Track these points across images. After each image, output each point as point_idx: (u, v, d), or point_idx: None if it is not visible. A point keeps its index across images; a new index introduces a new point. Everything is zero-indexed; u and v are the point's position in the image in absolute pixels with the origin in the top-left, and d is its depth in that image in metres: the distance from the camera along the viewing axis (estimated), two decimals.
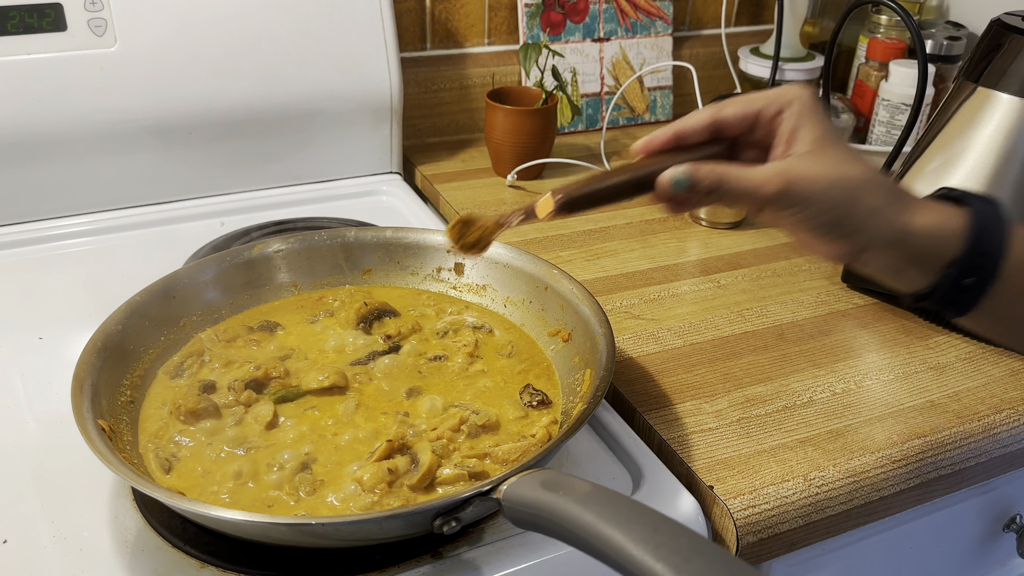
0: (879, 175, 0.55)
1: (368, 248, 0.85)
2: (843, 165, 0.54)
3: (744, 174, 0.54)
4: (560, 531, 0.48)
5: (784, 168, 0.54)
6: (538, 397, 0.71)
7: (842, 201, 0.53)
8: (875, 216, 0.53)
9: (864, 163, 0.55)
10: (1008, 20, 0.85)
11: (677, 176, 0.54)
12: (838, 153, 0.54)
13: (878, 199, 0.53)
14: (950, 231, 0.54)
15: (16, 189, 0.98)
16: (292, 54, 1.05)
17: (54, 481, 0.66)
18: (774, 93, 0.56)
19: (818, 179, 0.53)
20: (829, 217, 0.53)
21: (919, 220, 0.54)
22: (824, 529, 0.70)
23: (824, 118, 0.55)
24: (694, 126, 0.57)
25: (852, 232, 0.54)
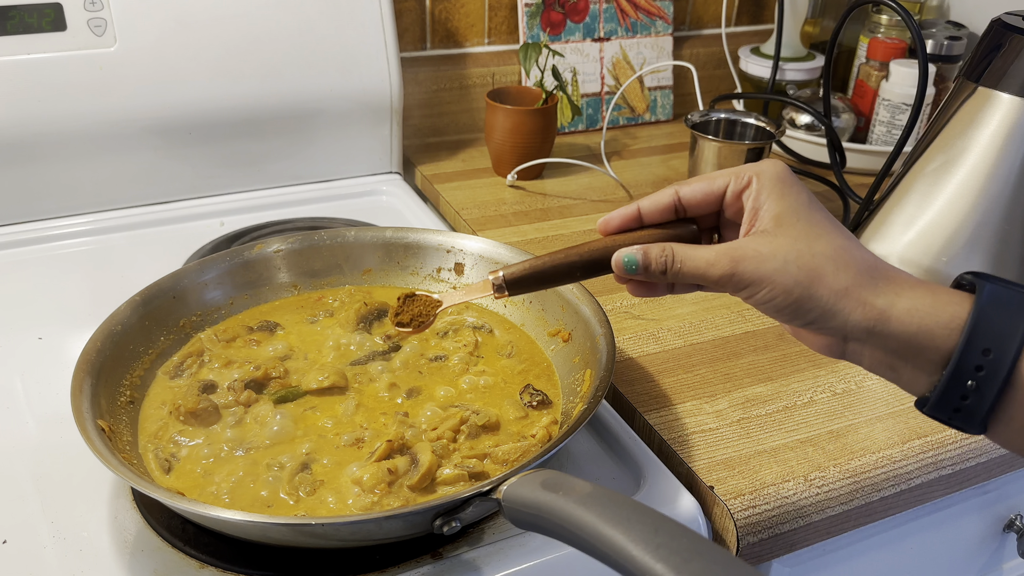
0: (851, 251, 0.49)
1: (368, 248, 0.85)
2: (803, 242, 0.49)
3: (694, 255, 0.52)
4: (560, 531, 0.48)
5: (732, 247, 0.50)
6: (538, 397, 0.71)
7: (799, 280, 0.48)
8: (844, 298, 0.47)
9: (833, 238, 0.49)
10: (1008, 20, 0.85)
11: (627, 257, 0.53)
12: (800, 228, 0.49)
13: (846, 278, 0.47)
14: (945, 318, 0.46)
15: (16, 189, 0.98)
16: (292, 54, 1.05)
17: (54, 481, 0.66)
18: (736, 171, 0.53)
19: (770, 257, 0.49)
20: (788, 299, 0.49)
21: (902, 303, 0.47)
22: (824, 529, 0.70)
23: (792, 191, 0.51)
24: (655, 206, 0.54)
25: (819, 317, 0.48)
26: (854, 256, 0.48)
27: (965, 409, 0.45)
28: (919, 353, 0.47)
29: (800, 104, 1.12)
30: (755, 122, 1.09)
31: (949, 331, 0.45)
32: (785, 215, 0.50)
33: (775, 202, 0.50)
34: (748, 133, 1.10)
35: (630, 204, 0.55)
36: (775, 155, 1.26)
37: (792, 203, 0.50)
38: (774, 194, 0.51)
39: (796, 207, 0.50)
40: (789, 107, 1.28)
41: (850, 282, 0.48)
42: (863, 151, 1.20)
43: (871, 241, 0.92)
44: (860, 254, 0.49)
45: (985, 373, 0.44)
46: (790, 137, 1.25)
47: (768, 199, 0.51)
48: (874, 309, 0.47)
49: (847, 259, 0.48)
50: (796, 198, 0.50)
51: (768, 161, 0.53)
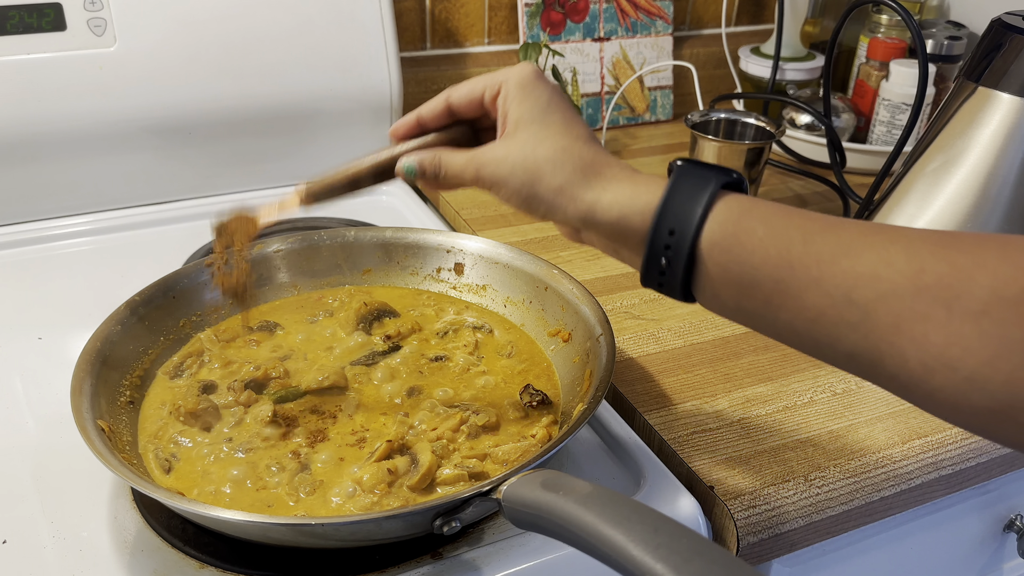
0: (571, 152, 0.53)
1: (368, 248, 0.85)
2: (529, 146, 0.54)
3: (452, 160, 0.57)
4: (560, 531, 0.48)
5: (477, 154, 0.56)
6: (538, 397, 0.71)
7: (525, 182, 0.54)
8: (560, 195, 0.53)
9: (556, 140, 0.54)
10: (1008, 20, 0.85)
11: (406, 164, 0.59)
12: (531, 132, 0.54)
13: (561, 177, 0.53)
14: (640, 206, 0.51)
15: (16, 189, 0.98)
16: (292, 54, 1.05)
17: (54, 481, 0.66)
18: (492, 75, 0.57)
19: (503, 161, 0.54)
20: (519, 198, 0.55)
21: (607, 196, 0.52)
22: (824, 529, 0.70)
23: (532, 96, 0.55)
24: (432, 112, 0.60)
25: (546, 212, 0.54)
26: (571, 156, 0.53)
27: (666, 283, 0.51)
28: (625, 237, 0.52)
29: (800, 104, 1.12)
30: (755, 122, 1.09)
31: (643, 216, 0.51)
32: (522, 119, 0.55)
33: (516, 107, 0.55)
34: (748, 133, 1.10)
35: (411, 113, 0.60)
36: (775, 155, 1.26)
37: (530, 107, 0.55)
38: (516, 99, 0.55)
39: (533, 111, 0.55)
40: (789, 107, 1.28)
41: (564, 180, 0.53)
42: (863, 151, 1.20)
43: None
44: (580, 153, 0.54)
45: (672, 251, 0.49)
46: (790, 137, 1.25)
47: (512, 104, 0.56)
48: (584, 203, 0.53)
49: (564, 159, 0.53)
50: (535, 103, 0.55)
51: (519, 66, 0.57)
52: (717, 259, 0.48)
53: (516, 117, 0.55)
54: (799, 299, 0.46)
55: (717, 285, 0.49)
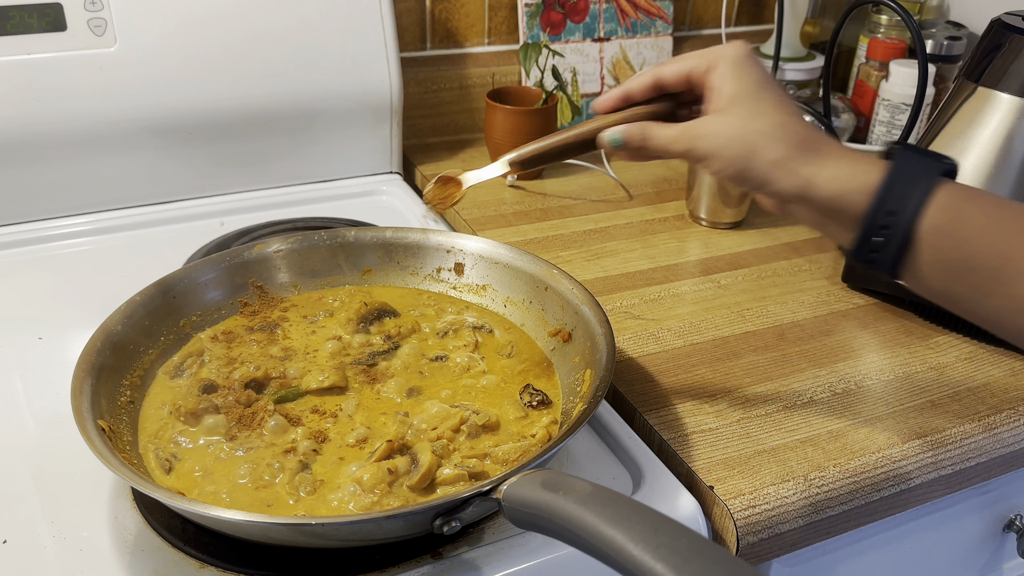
0: (787, 127, 0.55)
1: (368, 248, 0.85)
2: (746, 120, 0.56)
3: (661, 132, 0.60)
4: (560, 531, 0.48)
5: (690, 126, 0.58)
6: (538, 397, 0.71)
7: (741, 155, 0.56)
8: (776, 168, 0.55)
9: (773, 116, 0.56)
10: (1008, 20, 0.85)
11: (611, 135, 0.62)
12: (747, 108, 0.56)
13: (778, 151, 0.55)
14: (859, 185, 0.53)
15: (16, 189, 0.98)
16: (292, 54, 1.05)
17: (54, 481, 0.66)
18: (705, 52, 0.59)
19: (718, 134, 0.56)
20: (732, 169, 0.56)
21: (825, 172, 0.54)
22: (824, 529, 0.70)
23: (748, 73, 0.57)
24: (640, 86, 0.62)
25: (759, 184, 0.56)
26: (788, 131, 0.55)
27: (876, 260, 0.53)
28: (839, 214, 0.54)
29: (800, 104, 1.12)
30: None
31: (862, 195, 0.53)
32: (737, 95, 0.57)
33: (730, 83, 0.57)
34: None
35: (619, 87, 0.63)
36: None
37: (745, 84, 0.57)
38: (731, 75, 0.57)
39: (748, 88, 0.57)
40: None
41: (782, 155, 0.55)
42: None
43: None
44: (795, 129, 0.55)
45: (890, 231, 0.52)
46: None
47: (726, 80, 0.57)
48: (801, 177, 0.54)
49: (781, 134, 0.55)
50: (749, 79, 0.57)
51: (732, 45, 0.59)
52: (933, 243, 0.51)
53: (731, 92, 0.57)
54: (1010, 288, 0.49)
55: (928, 268, 0.52)
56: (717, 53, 0.58)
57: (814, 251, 1.04)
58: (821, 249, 1.04)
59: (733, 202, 1.06)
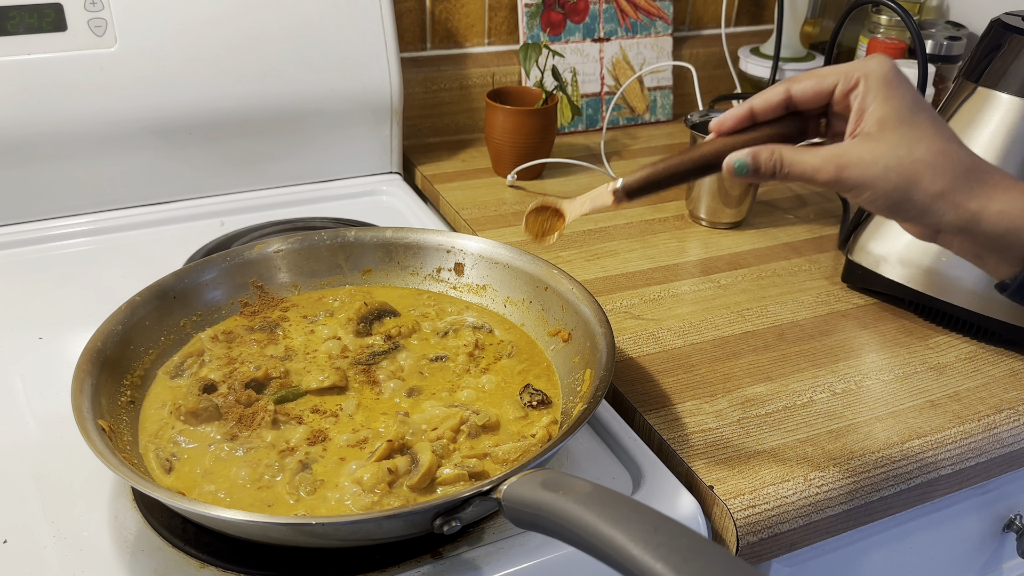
0: (950, 155, 0.51)
1: (368, 248, 0.85)
2: (903, 148, 0.51)
3: (801, 159, 0.54)
4: (560, 531, 0.48)
5: (837, 154, 0.53)
6: (538, 397, 0.71)
7: (899, 186, 0.52)
8: (939, 200, 0.51)
9: (932, 143, 0.52)
10: (1008, 20, 0.85)
11: (738, 160, 0.56)
12: (901, 133, 0.52)
13: (941, 183, 0.51)
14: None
15: (16, 189, 0.98)
16: (292, 54, 1.05)
17: (54, 481, 0.66)
18: (846, 68, 0.54)
19: (872, 164, 0.52)
20: (888, 201, 0.52)
21: (995, 205, 0.51)
22: (824, 529, 0.70)
23: (897, 93, 0.53)
24: (767, 104, 0.57)
25: (916, 216, 0.53)
26: (952, 160, 0.51)
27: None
28: (1006, 249, 0.51)
29: None
30: None
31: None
32: (888, 119, 0.52)
33: (880, 105, 0.52)
34: None
35: (742, 104, 0.57)
36: None
37: (896, 106, 0.52)
38: (879, 96, 0.53)
39: (900, 110, 0.52)
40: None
41: (946, 186, 0.51)
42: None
43: (871, 240, 0.92)
44: (959, 157, 0.51)
45: None
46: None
47: (873, 101, 0.53)
48: (967, 211, 0.51)
49: (945, 164, 0.51)
50: (901, 101, 0.52)
51: (876, 59, 0.54)
52: None
53: (881, 115, 0.52)
54: None
55: None
56: (861, 69, 0.54)
57: (814, 251, 1.04)
58: (821, 249, 1.04)
59: (733, 202, 1.07)
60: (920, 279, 0.88)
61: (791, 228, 1.09)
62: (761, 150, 0.55)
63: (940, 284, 0.87)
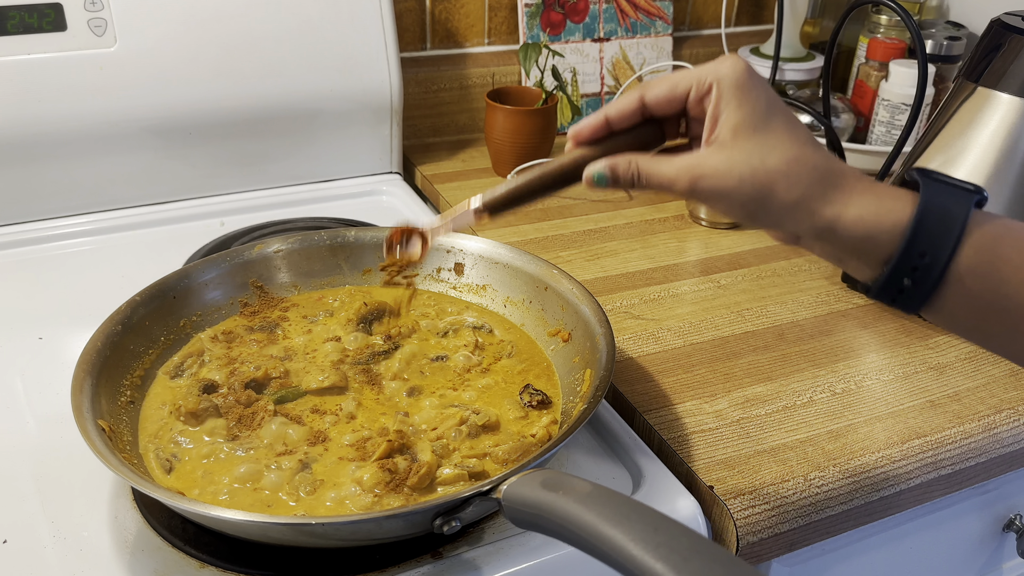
0: (804, 162, 0.50)
1: (368, 248, 0.85)
2: (756, 157, 0.50)
3: (657, 170, 0.53)
4: (560, 531, 0.48)
5: (692, 164, 0.52)
6: (538, 397, 0.71)
7: (754, 196, 0.51)
8: (795, 209, 0.50)
9: (786, 150, 0.50)
10: (1008, 20, 0.85)
11: (597, 172, 0.55)
12: (755, 142, 0.50)
13: (796, 192, 0.50)
14: (887, 225, 0.49)
15: (16, 189, 0.98)
16: (292, 54, 1.05)
17: (54, 481, 0.66)
18: (699, 73, 0.53)
19: (726, 174, 0.51)
20: (744, 211, 0.52)
21: (851, 212, 0.50)
22: (824, 529, 0.70)
23: (750, 98, 0.51)
24: (622, 112, 0.55)
25: (774, 224, 0.52)
26: (806, 167, 0.50)
27: (901, 300, 0.50)
28: (865, 254, 0.50)
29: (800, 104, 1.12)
30: None
31: (891, 236, 0.49)
32: (741, 126, 0.51)
33: (732, 111, 0.51)
34: None
35: (597, 113, 0.56)
36: None
37: (749, 112, 0.51)
38: (732, 103, 0.51)
39: (753, 117, 0.51)
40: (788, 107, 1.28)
41: (801, 194, 0.50)
42: (863, 151, 1.20)
43: None
44: (813, 163, 0.50)
45: (919, 272, 0.48)
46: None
47: (726, 108, 0.51)
48: (823, 219, 0.50)
49: (799, 171, 0.50)
50: (753, 106, 0.51)
51: (729, 62, 0.52)
52: (968, 285, 0.48)
53: (735, 123, 0.51)
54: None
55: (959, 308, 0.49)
56: (713, 74, 0.52)
57: None
58: None
59: None
60: None
61: None
62: (619, 161, 0.54)
63: None
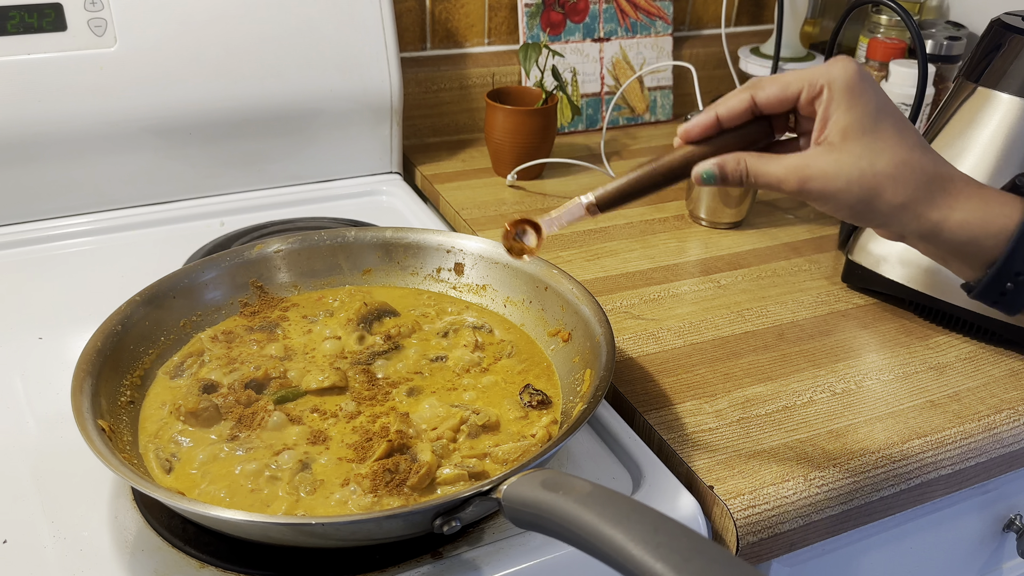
0: (912, 165, 0.52)
1: (368, 248, 0.85)
2: (865, 159, 0.52)
3: (766, 169, 0.55)
4: (560, 531, 0.48)
5: (801, 165, 0.53)
6: (538, 397, 0.71)
7: (861, 198, 0.52)
8: (902, 211, 0.52)
9: (895, 153, 0.52)
10: (1008, 20, 0.85)
11: (706, 170, 0.56)
12: (864, 144, 0.52)
13: (904, 194, 0.52)
14: (994, 230, 0.51)
15: (16, 189, 0.98)
16: (292, 54, 1.05)
17: (54, 481, 0.66)
18: (810, 75, 0.54)
19: (835, 176, 0.52)
20: (851, 212, 0.53)
21: (956, 216, 0.51)
22: (824, 529, 0.70)
23: (861, 101, 0.52)
24: (732, 111, 0.56)
25: (880, 224, 0.54)
26: (914, 170, 0.52)
27: (1003, 302, 0.53)
28: (968, 256, 0.53)
29: None
30: None
31: (996, 241, 0.51)
32: (851, 129, 0.52)
33: (843, 114, 0.52)
34: None
35: (707, 111, 0.57)
36: None
37: (859, 115, 0.52)
38: (842, 105, 0.52)
39: (863, 119, 0.52)
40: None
41: (908, 198, 0.52)
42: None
43: (871, 240, 0.92)
44: (922, 166, 0.52)
45: (1023, 278, 0.51)
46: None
47: (836, 110, 0.53)
48: (929, 221, 0.52)
49: (907, 175, 0.52)
50: (864, 109, 0.52)
51: (840, 65, 0.53)
52: None
53: (844, 125, 0.52)
54: None
55: None
56: (825, 76, 0.53)
57: (814, 251, 1.04)
58: (821, 249, 1.04)
59: (733, 202, 1.06)
60: (920, 279, 0.88)
61: (791, 228, 1.09)
62: (727, 160, 0.56)
63: (940, 284, 0.87)
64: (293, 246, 0.84)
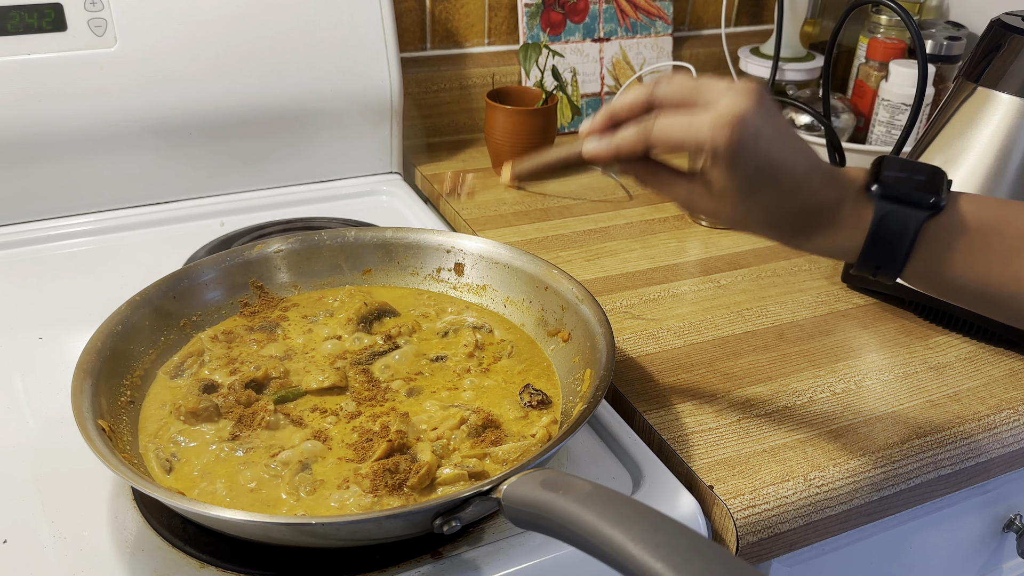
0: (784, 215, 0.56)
1: (368, 248, 0.85)
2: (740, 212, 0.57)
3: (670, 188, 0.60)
4: (560, 531, 0.48)
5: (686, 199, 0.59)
6: (538, 397, 0.71)
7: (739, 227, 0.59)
8: (773, 238, 0.59)
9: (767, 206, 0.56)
10: (1008, 20, 0.85)
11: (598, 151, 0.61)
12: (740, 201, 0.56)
13: (773, 235, 0.59)
14: (846, 249, 0.58)
15: (16, 189, 0.98)
16: (292, 54, 1.05)
17: (54, 481, 0.66)
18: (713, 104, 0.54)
19: (715, 214, 0.59)
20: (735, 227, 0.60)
21: (813, 244, 0.58)
22: (824, 529, 0.70)
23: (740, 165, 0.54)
24: (631, 107, 0.59)
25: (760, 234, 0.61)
26: (783, 221, 0.58)
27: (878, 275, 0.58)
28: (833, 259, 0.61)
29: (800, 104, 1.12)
30: None
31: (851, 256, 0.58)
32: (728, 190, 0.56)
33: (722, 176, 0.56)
34: None
35: (602, 110, 0.60)
36: None
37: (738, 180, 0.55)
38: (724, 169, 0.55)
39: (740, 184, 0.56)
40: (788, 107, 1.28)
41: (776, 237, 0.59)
42: (863, 151, 1.20)
43: None
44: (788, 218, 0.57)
45: (880, 271, 0.58)
46: None
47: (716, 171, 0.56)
48: (795, 247, 0.59)
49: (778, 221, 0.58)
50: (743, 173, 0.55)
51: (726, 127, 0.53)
52: (917, 284, 0.59)
53: (722, 187, 0.56)
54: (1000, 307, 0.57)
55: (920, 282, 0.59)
56: (710, 136, 0.53)
57: None
58: None
59: None
60: None
61: None
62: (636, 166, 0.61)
63: None
64: (293, 246, 0.84)
